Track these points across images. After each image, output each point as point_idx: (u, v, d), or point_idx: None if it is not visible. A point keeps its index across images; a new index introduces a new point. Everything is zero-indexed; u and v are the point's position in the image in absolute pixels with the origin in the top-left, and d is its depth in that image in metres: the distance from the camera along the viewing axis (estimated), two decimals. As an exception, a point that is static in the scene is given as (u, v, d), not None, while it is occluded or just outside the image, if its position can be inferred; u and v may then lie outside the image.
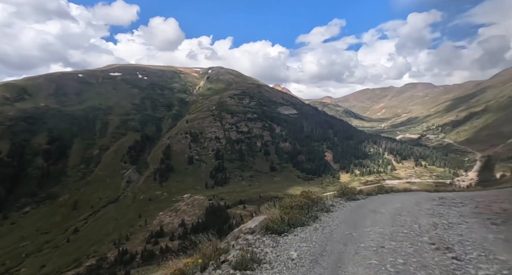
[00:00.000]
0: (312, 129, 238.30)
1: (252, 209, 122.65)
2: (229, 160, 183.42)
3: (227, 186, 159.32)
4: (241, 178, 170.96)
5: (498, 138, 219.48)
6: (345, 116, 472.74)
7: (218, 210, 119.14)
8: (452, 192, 18.87)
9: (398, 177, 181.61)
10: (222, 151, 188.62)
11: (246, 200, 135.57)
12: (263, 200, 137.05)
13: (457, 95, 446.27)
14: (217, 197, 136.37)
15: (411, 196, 13.48)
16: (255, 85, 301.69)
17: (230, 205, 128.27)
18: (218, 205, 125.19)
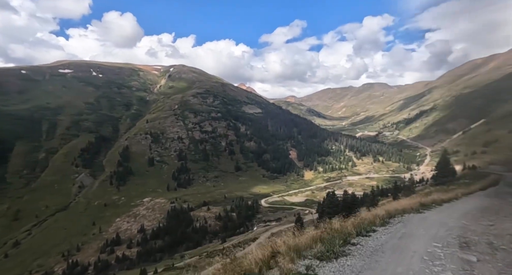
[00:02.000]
0: (277, 128, 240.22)
1: (217, 211, 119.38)
2: (193, 160, 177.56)
3: (191, 187, 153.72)
4: (205, 178, 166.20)
5: (444, 134, 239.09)
6: (309, 115, 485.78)
7: (181, 213, 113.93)
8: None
9: (358, 173, 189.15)
10: (185, 152, 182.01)
11: (210, 201, 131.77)
12: (228, 200, 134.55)
13: (409, 95, 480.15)
14: (180, 199, 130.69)
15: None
16: (219, 84, 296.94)
17: (193, 207, 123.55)
18: (181, 207, 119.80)
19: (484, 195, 14.83)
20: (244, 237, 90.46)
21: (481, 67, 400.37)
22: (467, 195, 14.16)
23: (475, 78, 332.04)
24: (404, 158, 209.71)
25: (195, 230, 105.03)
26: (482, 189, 16.79)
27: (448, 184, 34.55)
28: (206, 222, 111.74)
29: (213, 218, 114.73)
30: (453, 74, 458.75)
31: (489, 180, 22.08)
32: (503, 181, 21.05)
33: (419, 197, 16.09)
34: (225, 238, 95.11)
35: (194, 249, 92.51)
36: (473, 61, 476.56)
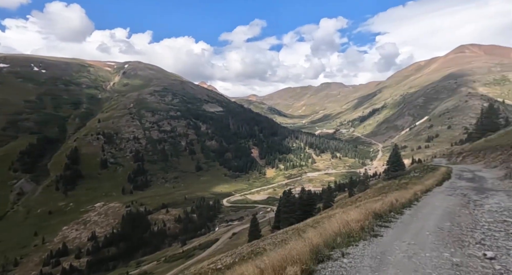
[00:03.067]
0: (238, 126, 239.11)
1: (177, 213, 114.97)
2: (151, 161, 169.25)
3: (149, 189, 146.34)
4: (164, 180, 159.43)
5: (394, 130, 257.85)
6: (270, 113, 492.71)
7: (137, 217, 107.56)
8: None
9: (317, 169, 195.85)
10: (142, 152, 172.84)
11: (170, 203, 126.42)
12: (188, 201, 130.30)
13: (362, 94, 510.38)
14: (136, 202, 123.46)
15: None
16: (178, 82, 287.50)
17: (151, 211, 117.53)
18: (137, 211, 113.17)
19: (444, 193, 12.69)
20: (205, 239, 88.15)
21: (424, 68, 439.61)
22: (426, 193, 12.55)
23: (419, 78, 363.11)
24: (359, 154, 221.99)
25: (153, 234, 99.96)
26: (438, 185, 14.92)
27: (399, 177, 35.89)
28: (165, 225, 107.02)
29: (173, 220, 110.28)
30: (400, 75, 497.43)
31: (439, 173, 21.09)
32: (452, 173, 20.33)
33: (373, 201, 14.36)
34: (185, 241, 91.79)
35: (152, 254, 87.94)
36: (417, 63, 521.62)
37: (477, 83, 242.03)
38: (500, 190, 12.46)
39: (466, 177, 18.20)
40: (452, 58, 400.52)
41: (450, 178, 18.08)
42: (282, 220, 46.03)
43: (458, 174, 19.70)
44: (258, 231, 42.76)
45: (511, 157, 18.91)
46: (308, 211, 42.48)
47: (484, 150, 29.22)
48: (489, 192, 12.16)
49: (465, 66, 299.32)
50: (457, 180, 16.75)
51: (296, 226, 24.96)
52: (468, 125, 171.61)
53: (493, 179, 15.92)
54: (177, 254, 75.93)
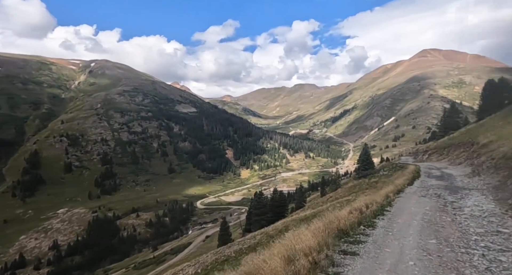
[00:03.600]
0: (212, 127, 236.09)
1: (148, 217, 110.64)
2: (120, 164, 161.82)
3: (118, 193, 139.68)
4: (135, 183, 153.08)
5: (363, 130, 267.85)
6: (244, 114, 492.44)
7: (105, 223, 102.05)
8: None
9: (291, 169, 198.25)
10: (111, 155, 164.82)
11: (140, 207, 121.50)
12: (161, 205, 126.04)
13: (334, 95, 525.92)
14: (104, 207, 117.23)
15: None
16: (150, 82, 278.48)
17: (120, 216, 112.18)
18: (105, 217, 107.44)
19: (417, 193, 11.64)
20: (178, 243, 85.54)
21: (391, 71, 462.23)
22: (398, 194, 11.39)
23: (386, 81, 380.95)
24: (331, 153, 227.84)
25: (122, 240, 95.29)
26: (409, 184, 14.20)
27: (369, 176, 36.47)
28: (135, 230, 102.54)
29: (144, 225, 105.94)
30: (369, 77, 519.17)
31: (409, 171, 20.63)
32: (421, 171, 19.94)
33: (340, 206, 13.27)
34: (156, 246, 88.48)
35: (121, 261, 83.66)
36: (384, 66, 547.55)
37: (437, 86, 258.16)
38: (472, 188, 11.84)
39: (435, 174, 17.65)
40: (415, 62, 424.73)
41: (420, 176, 17.20)
42: (253, 223, 45.04)
43: (426, 172, 19.01)
44: (228, 235, 41.55)
45: (474, 154, 19.17)
46: (280, 212, 41.99)
47: (447, 147, 29.94)
48: (462, 191, 11.46)
49: (427, 70, 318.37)
50: (427, 178, 15.95)
51: (265, 229, 24.31)
52: (431, 125, 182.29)
53: (461, 176, 15.48)
54: (148, 260, 72.84)
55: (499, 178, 11.18)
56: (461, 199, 9.89)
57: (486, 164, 14.69)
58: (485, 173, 13.52)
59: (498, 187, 10.36)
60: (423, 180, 15.19)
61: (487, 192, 10.53)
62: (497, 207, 8.45)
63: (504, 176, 11.02)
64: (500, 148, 14.66)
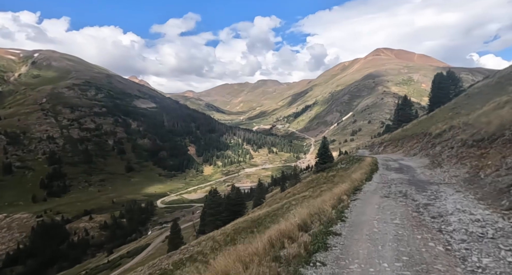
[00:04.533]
0: (174, 123, 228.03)
1: (102, 219, 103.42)
2: (71, 163, 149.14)
3: (68, 195, 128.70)
4: (88, 183, 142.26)
5: (324, 125, 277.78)
6: (207, 110, 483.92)
7: (52, 228, 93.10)
8: None
9: (255, 165, 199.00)
10: (59, 154, 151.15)
11: (94, 209, 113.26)
12: (117, 205, 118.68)
13: (296, 91, 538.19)
14: (51, 211, 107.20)
15: None
16: (104, 75, 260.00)
17: (71, 219, 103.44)
18: (52, 221, 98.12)
19: (378, 192, 9.13)
20: (136, 245, 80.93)
21: (348, 68, 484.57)
22: (355, 193, 8.95)
23: (344, 77, 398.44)
24: (294, 148, 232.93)
25: (73, 246, 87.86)
26: (368, 179, 11.97)
27: (327, 170, 36.63)
28: (88, 233, 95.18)
29: (97, 228, 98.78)
30: (328, 74, 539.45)
31: (366, 164, 19.12)
32: (378, 163, 18.43)
33: (283, 213, 11.54)
34: (112, 249, 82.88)
35: (70, 268, 77.02)
36: (343, 64, 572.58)
37: (390, 83, 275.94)
38: (440, 182, 10.04)
39: (393, 166, 16.48)
40: (370, 60, 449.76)
41: (378, 169, 15.53)
42: (207, 223, 43.05)
43: (384, 164, 17.74)
44: (179, 238, 39.14)
45: (429, 144, 18.93)
46: (237, 211, 40.71)
47: (401, 139, 30.35)
48: (430, 186, 9.47)
49: (380, 68, 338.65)
50: (385, 171, 14.41)
51: (213, 233, 22.86)
52: (384, 120, 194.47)
53: (420, 168, 14.32)
54: (101, 265, 67.81)
55: (467, 169, 9.76)
56: (436, 199, 7.65)
57: (445, 153, 13.60)
58: (447, 163, 12.25)
59: (471, 181, 8.76)
60: (382, 173, 13.59)
61: (460, 187, 8.73)
62: (494, 213, 5.88)
63: (472, 166, 9.59)
64: (456, 137, 13.83)
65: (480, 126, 11.58)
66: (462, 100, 29.04)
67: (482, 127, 11.13)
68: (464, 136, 12.45)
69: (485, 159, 8.88)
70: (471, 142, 11.04)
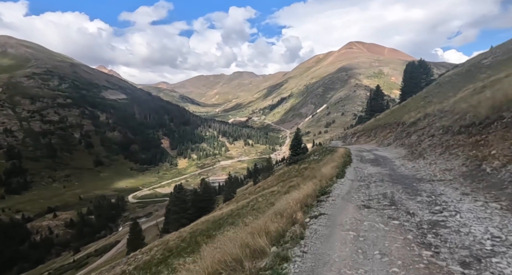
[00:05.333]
0: (145, 115, 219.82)
1: (68, 216, 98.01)
2: (32, 158, 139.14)
3: (29, 192, 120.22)
4: (52, 179, 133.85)
5: (299, 117, 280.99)
6: (182, 102, 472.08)
7: (10, 228, 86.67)
8: None
9: (231, 157, 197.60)
10: (19, 148, 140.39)
11: (59, 206, 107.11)
12: (85, 202, 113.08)
13: (272, 83, 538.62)
14: (10, 210, 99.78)
15: None
16: (68, 64, 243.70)
17: (32, 217, 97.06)
18: (11, 220, 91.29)
19: (354, 198, 6.26)
20: (104, 242, 77.51)
21: (323, 61, 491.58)
22: (320, 201, 6.12)
23: (319, 70, 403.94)
24: (269, 140, 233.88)
25: (35, 245, 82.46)
26: (340, 175, 9.32)
27: (300, 162, 36.03)
28: (52, 232, 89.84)
29: (63, 225, 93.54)
30: (303, 66, 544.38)
31: (338, 155, 16.32)
32: (352, 155, 16.19)
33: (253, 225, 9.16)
34: (78, 248, 78.90)
35: (32, 269, 72.40)
36: (317, 56, 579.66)
37: (362, 76, 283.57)
38: (432, 179, 7.46)
39: (368, 158, 14.77)
40: (343, 53, 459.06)
41: (352, 161, 13.60)
42: (172, 222, 40.42)
43: (358, 155, 15.96)
44: (140, 239, 35.99)
45: (403, 133, 17.84)
46: (205, 207, 38.63)
47: (374, 129, 29.91)
48: (420, 185, 6.97)
49: (353, 61, 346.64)
50: (360, 164, 12.50)
51: (168, 237, 21.30)
52: (357, 112, 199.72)
53: (399, 159, 12.66)
54: (66, 265, 64.22)
55: (461, 161, 7.78)
56: (443, 211, 4.81)
57: (426, 142, 12.10)
58: (430, 153, 10.50)
59: (474, 176, 6.53)
60: (357, 167, 11.53)
61: (462, 186, 6.26)
62: None
63: (468, 157, 7.58)
64: (433, 124, 12.84)
65: (463, 111, 10.56)
66: (434, 89, 29.44)
67: (466, 112, 10.07)
68: (445, 123, 11.27)
69: (485, 147, 7.25)
70: (457, 128, 9.67)
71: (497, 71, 18.16)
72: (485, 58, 27.13)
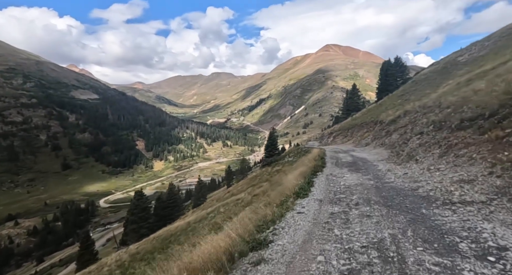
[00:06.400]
0: (119, 116, 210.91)
1: (31, 224, 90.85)
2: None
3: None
4: (13, 184, 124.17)
5: (278, 118, 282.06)
6: (158, 102, 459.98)
7: (-37, 239, 78.83)
8: None
9: (209, 158, 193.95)
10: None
11: (21, 213, 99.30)
12: (50, 208, 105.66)
13: (250, 84, 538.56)
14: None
15: None
16: (33, 62, 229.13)
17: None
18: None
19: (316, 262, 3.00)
20: (71, 250, 72.14)
21: (300, 63, 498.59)
22: (259, 254, 3.46)
23: (296, 72, 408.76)
24: (248, 141, 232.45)
25: (-6, 256, 75.39)
26: (305, 189, 6.81)
27: (274, 163, 34.53)
28: (13, 241, 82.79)
29: (25, 234, 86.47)
30: (282, 68, 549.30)
31: (309, 158, 13.23)
32: (326, 156, 13.17)
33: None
34: (42, 257, 72.95)
35: (-12, 284, 65.92)
36: (295, 58, 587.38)
37: (338, 78, 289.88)
38: (454, 201, 4.53)
39: (344, 160, 12.54)
40: (320, 55, 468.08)
41: (325, 165, 11.41)
42: (130, 233, 36.09)
43: (333, 157, 13.82)
44: (92, 254, 30.24)
45: (382, 132, 16.81)
46: (168, 215, 35.32)
47: (351, 128, 29.09)
48: (440, 216, 4.00)
49: (329, 63, 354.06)
50: (335, 169, 10.15)
51: (105, 260, 18.77)
52: (334, 113, 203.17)
53: (381, 161, 10.76)
54: (28, 277, 58.90)
55: (485, 167, 5.09)
56: None
57: (414, 141, 10.09)
58: (425, 155, 8.19)
59: None
60: (331, 174, 9.07)
61: None
62: None
63: (493, 162, 5.04)
64: (417, 121, 11.44)
65: (456, 104, 9.04)
66: (410, 87, 29.21)
67: (461, 104, 8.51)
68: (435, 118, 9.53)
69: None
70: (456, 123, 7.74)
71: (476, 67, 17.74)
72: (461, 55, 27.27)
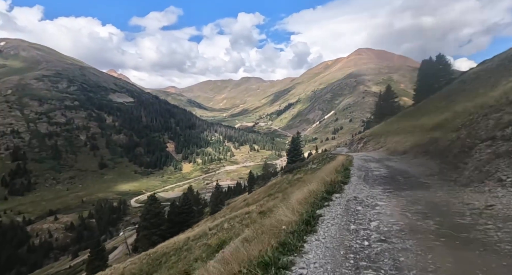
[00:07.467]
0: (152, 119, 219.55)
1: (69, 219, 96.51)
2: (37, 160, 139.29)
3: (32, 194, 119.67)
4: (55, 181, 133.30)
5: (306, 123, 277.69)
6: (189, 106, 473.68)
7: (10, 230, 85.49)
8: None
9: (236, 162, 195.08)
10: (24, 149, 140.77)
11: (61, 208, 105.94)
12: (87, 205, 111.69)
13: (279, 89, 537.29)
14: (11, 211, 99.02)
15: None
16: (77, 67, 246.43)
17: (33, 220, 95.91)
18: (11, 222, 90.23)
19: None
20: (104, 247, 75.44)
21: (331, 67, 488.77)
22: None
23: (327, 76, 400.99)
24: (275, 146, 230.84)
25: (33, 249, 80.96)
26: (306, 226, 4.06)
27: (296, 170, 32.81)
28: (52, 235, 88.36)
29: (63, 229, 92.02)
30: (311, 72, 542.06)
31: (329, 169, 9.98)
32: (353, 166, 11.28)
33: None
34: (77, 252, 76.90)
35: (29, 274, 70.57)
36: (325, 62, 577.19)
37: (370, 82, 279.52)
38: None
39: (377, 173, 9.52)
40: (352, 59, 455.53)
41: (349, 180, 7.86)
42: (141, 239, 35.43)
43: (362, 168, 10.82)
44: (102, 260, 30.52)
45: (426, 138, 13.41)
46: (183, 221, 34.19)
47: (385, 133, 26.05)
48: None
49: (361, 67, 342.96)
50: (363, 187, 7.02)
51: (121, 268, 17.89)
52: (365, 118, 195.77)
53: (432, 178, 7.70)
54: (62, 271, 62.22)
55: None
56: None
57: (485, 150, 6.72)
58: None
59: None
60: (355, 198, 5.82)
61: None
62: None
63: None
64: (477, 124, 8.02)
65: None
66: (456, 87, 26.44)
67: None
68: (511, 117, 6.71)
69: None
70: None
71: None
72: (520, 51, 24.26)
